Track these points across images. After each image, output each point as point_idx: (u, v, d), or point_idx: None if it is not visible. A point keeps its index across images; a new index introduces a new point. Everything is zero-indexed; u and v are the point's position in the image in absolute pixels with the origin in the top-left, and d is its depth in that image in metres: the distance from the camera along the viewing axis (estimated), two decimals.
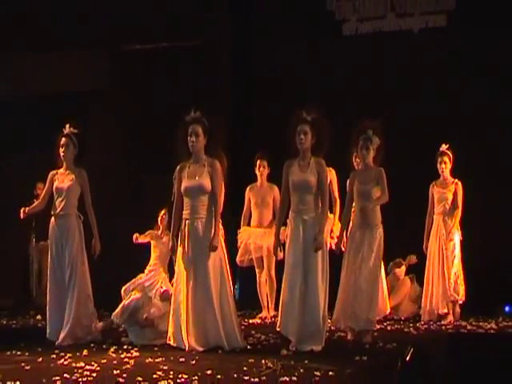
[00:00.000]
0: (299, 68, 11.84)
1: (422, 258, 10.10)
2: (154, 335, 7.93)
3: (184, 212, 7.58)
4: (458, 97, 11.03)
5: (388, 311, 9.76)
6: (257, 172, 10.10)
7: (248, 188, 10.15)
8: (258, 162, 10.06)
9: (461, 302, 9.77)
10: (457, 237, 9.74)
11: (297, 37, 11.92)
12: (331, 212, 9.40)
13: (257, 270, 10.12)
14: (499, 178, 10.78)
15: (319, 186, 7.45)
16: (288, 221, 7.57)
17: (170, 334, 7.53)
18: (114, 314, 8.08)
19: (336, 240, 8.72)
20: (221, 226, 7.59)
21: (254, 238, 9.93)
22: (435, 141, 9.92)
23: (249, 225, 10.11)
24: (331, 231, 9.36)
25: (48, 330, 8.18)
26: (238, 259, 10.08)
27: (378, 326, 8.87)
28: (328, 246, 7.99)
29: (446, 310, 9.73)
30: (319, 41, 11.74)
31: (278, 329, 7.58)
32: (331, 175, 9.47)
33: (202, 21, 12.14)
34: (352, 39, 11.84)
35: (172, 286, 7.81)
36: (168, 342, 7.52)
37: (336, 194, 9.54)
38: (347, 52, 11.62)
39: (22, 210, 8.33)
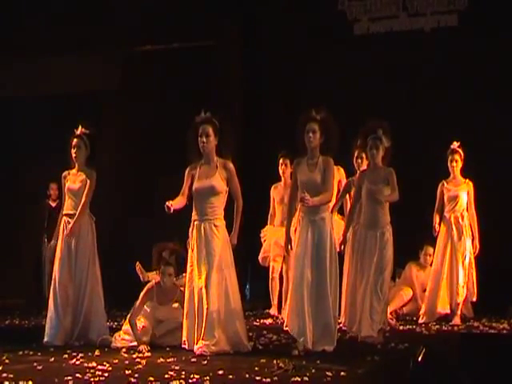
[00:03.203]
0: (311, 67, 11.87)
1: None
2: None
3: (193, 213, 7.56)
4: (470, 96, 11.00)
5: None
6: (279, 171, 10.08)
7: (272, 187, 10.16)
8: (281, 160, 10.02)
9: (474, 300, 9.77)
10: (468, 240, 9.73)
11: (308, 36, 11.94)
12: (342, 214, 9.38)
13: (272, 264, 10.02)
14: (504, 177, 10.76)
15: (322, 180, 7.41)
16: (296, 220, 7.55)
17: (184, 337, 7.50)
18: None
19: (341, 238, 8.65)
20: (225, 228, 7.52)
21: (278, 238, 9.91)
22: (445, 140, 9.89)
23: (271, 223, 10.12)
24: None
25: (48, 332, 8.09)
26: (260, 257, 10.08)
27: (389, 328, 8.88)
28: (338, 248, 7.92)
29: (448, 311, 9.70)
30: (331, 40, 11.75)
31: (285, 328, 7.56)
32: (340, 174, 9.43)
33: (213, 21, 12.16)
34: (363, 39, 11.85)
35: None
36: (183, 345, 7.49)
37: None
38: (359, 51, 11.62)
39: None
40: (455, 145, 9.77)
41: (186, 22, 12.18)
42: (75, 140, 8.32)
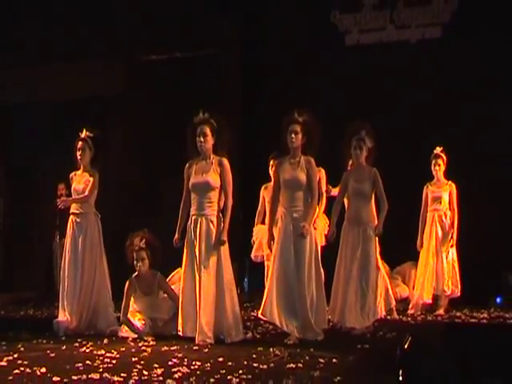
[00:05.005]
0: (306, 75, 12.08)
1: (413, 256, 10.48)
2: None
3: (191, 208, 7.67)
4: (454, 105, 11.27)
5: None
6: (270, 172, 9.89)
7: (263, 187, 9.95)
8: (272, 161, 9.76)
9: (458, 295, 10.09)
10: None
11: (304, 46, 12.21)
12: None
13: (267, 263, 10.22)
14: (487, 177, 11.05)
15: (308, 182, 7.52)
16: (278, 217, 7.62)
17: (179, 327, 7.57)
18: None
19: (323, 234, 8.82)
20: (220, 224, 7.61)
21: None
22: (430, 146, 10.20)
23: (263, 222, 10.32)
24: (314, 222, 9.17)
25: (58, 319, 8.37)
26: (252, 255, 10.24)
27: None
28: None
29: (430, 301, 10.02)
30: (324, 50, 12.04)
31: (259, 315, 7.57)
32: (320, 174, 9.22)
33: (213, 22, 12.26)
34: (354, 49, 12.13)
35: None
36: (179, 333, 7.58)
37: (324, 192, 9.48)
38: (350, 61, 11.90)
39: None
40: (438, 150, 10.09)
41: (185, 22, 12.27)
42: (80, 143, 8.62)
